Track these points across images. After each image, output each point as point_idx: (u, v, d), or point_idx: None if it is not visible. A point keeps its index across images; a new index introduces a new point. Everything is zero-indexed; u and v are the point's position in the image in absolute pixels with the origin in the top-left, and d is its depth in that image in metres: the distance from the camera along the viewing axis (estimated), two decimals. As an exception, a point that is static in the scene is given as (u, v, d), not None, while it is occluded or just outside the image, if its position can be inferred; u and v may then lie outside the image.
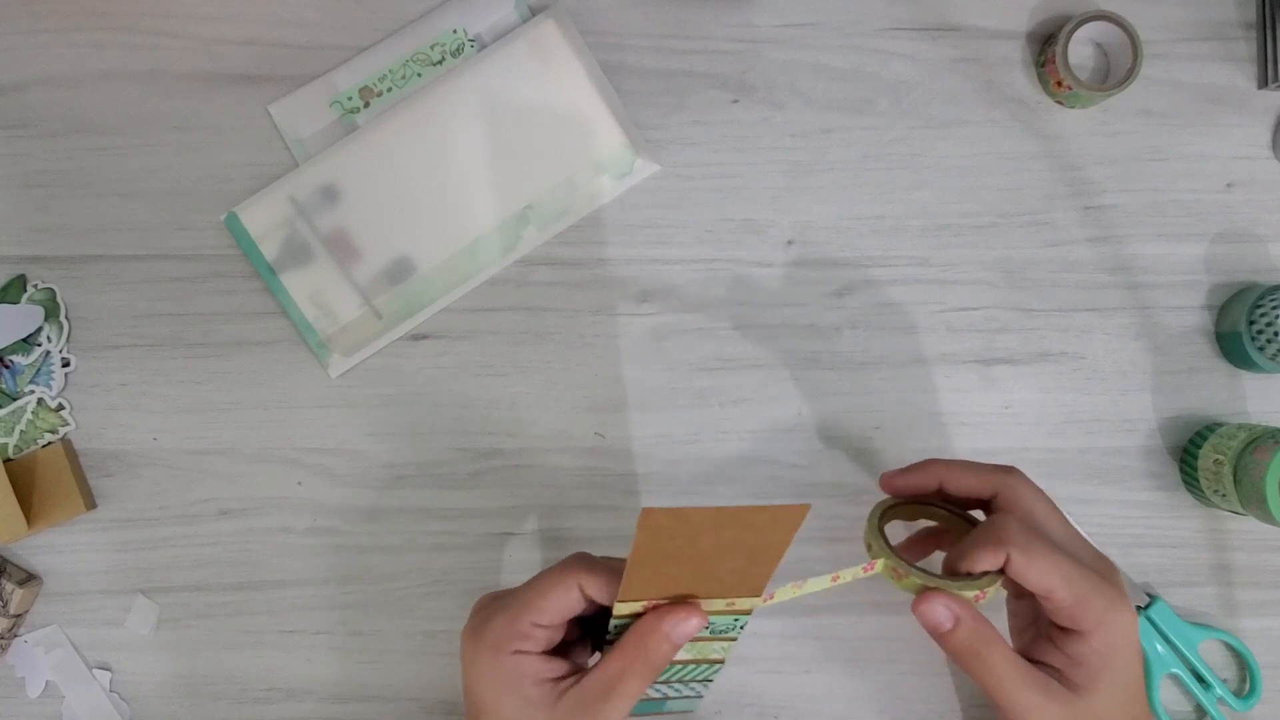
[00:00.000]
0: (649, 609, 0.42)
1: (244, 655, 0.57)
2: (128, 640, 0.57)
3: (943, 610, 0.43)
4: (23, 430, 0.57)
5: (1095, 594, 0.43)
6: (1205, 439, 0.56)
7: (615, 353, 0.58)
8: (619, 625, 0.43)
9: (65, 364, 0.58)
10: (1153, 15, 0.58)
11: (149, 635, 0.57)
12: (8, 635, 0.56)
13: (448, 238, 0.58)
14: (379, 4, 0.59)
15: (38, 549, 0.57)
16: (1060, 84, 0.57)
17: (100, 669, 0.57)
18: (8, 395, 0.57)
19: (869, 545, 0.46)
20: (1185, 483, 0.58)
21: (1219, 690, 0.56)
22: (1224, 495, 0.54)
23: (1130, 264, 0.59)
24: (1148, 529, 0.58)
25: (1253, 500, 0.52)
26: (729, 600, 0.42)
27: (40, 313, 0.57)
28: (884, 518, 0.48)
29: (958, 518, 0.50)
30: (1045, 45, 0.58)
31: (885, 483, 0.51)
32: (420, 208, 0.58)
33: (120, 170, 0.58)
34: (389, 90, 0.58)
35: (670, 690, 0.47)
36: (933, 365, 0.58)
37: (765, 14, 0.59)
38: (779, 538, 0.39)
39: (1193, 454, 0.56)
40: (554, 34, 0.58)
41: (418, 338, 0.58)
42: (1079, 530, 0.47)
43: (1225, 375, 0.58)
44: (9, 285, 0.58)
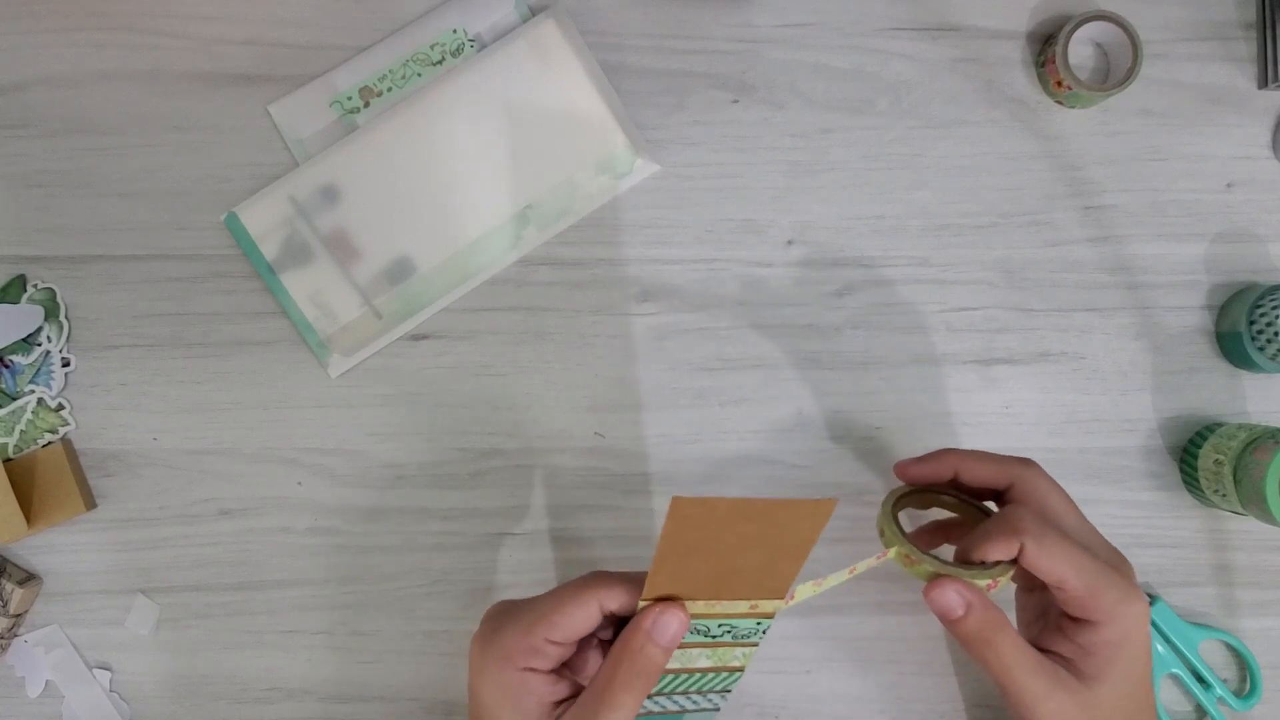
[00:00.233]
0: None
1: (244, 655, 0.57)
2: (128, 640, 0.57)
3: (954, 596, 0.43)
4: (23, 430, 0.57)
5: (1107, 585, 0.43)
6: (1205, 439, 0.56)
7: (615, 353, 0.58)
8: None
9: (65, 364, 0.58)
10: (1153, 15, 0.58)
11: (149, 635, 0.57)
12: (8, 635, 0.56)
13: (448, 238, 0.58)
14: (379, 4, 0.59)
15: (38, 549, 0.57)
16: (1060, 84, 0.57)
17: (100, 669, 0.57)
18: (8, 395, 0.57)
19: (882, 531, 0.46)
20: (1185, 483, 0.58)
21: (1219, 690, 0.56)
22: (1224, 495, 0.54)
23: (1130, 264, 0.59)
24: (1148, 529, 0.58)
25: (1253, 500, 0.52)
26: (752, 603, 0.41)
27: (40, 313, 0.57)
28: (897, 505, 0.48)
29: (971, 507, 0.50)
30: (1045, 45, 0.58)
31: (900, 470, 0.51)
32: (420, 208, 0.58)
33: (120, 170, 0.58)
34: (389, 90, 0.58)
35: (689, 702, 0.46)
36: (933, 365, 0.58)
37: (765, 14, 0.59)
38: (805, 535, 0.38)
39: (1193, 454, 0.56)
40: (554, 34, 0.58)
41: (418, 338, 0.58)
42: (1092, 524, 0.48)
43: (1225, 375, 0.58)
44: (9, 285, 0.58)
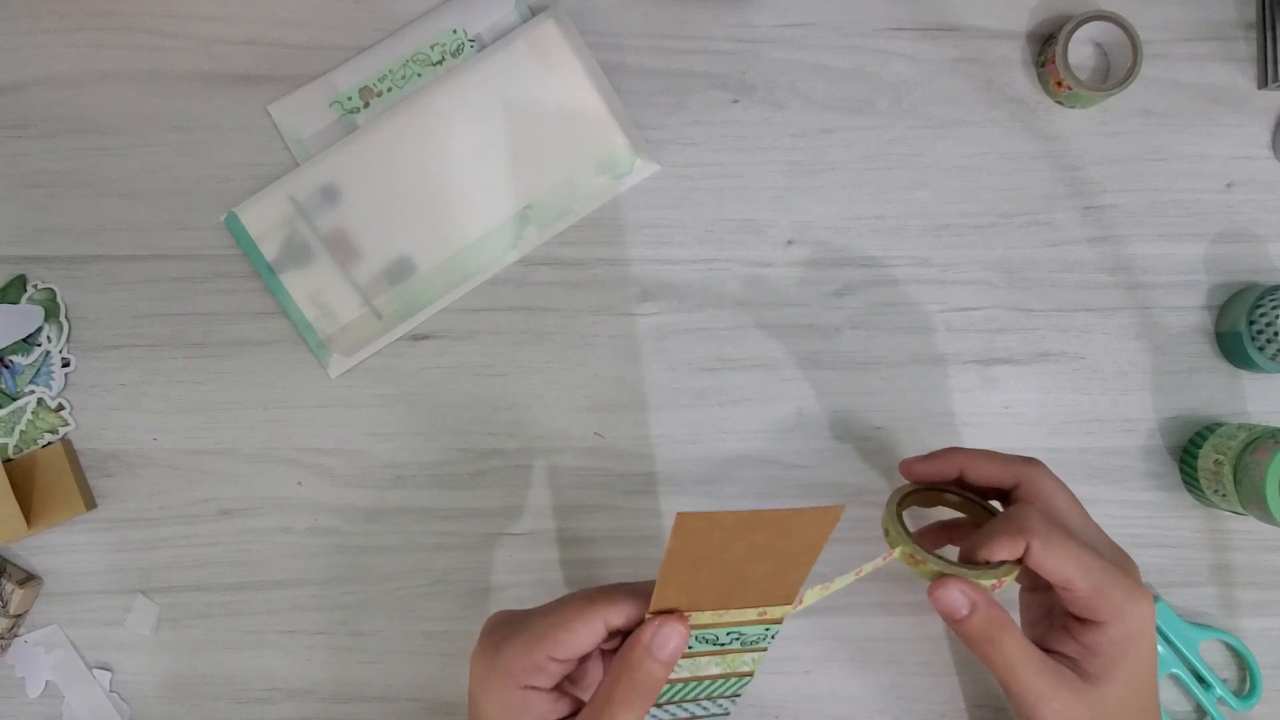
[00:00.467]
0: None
1: (244, 655, 0.57)
2: (128, 640, 0.57)
3: (959, 596, 0.43)
4: (23, 430, 0.57)
5: (1113, 585, 0.43)
6: (1205, 439, 0.56)
7: (615, 353, 0.58)
8: None
9: (65, 364, 0.58)
10: (1153, 15, 0.58)
11: (149, 635, 0.57)
12: (8, 635, 0.56)
13: (448, 238, 0.58)
14: (379, 4, 0.59)
15: (38, 549, 0.57)
16: (1060, 84, 0.57)
17: (100, 669, 0.57)
18: (8, 395, 0.57)
19: (886, 530, 0.46)
20: (1185, 483, 0.58)
21: (1219, 690, 0.56)
22: (1224, 495, 0.54)
23: (1130, 264, 0.59)
24: (1148, 529, 0.58)
25: (1253, 500, 0.52)
26: (760, 610, 0.41)
27: (40, 313, 0.57)
28: (902, 504, 0.48)
29: (976, 505, 0.50)
30: (1045, 45, 0.58)
31: (905, 468, 0.51)
32: (420, 208, 0.58)
33: (120, 170, 0.58)
34: (389, 90, 0.58)
35: (699, 709, 0.46)
36: (933, 365, 0.58)
37: (765, 14, 0.59)
38: (812, 541, 0.38)
39: (1193, 454, 0.56)
40: (554, 34, 0.58)
41: (418, 338, 0.58)
42: (1098, 524, 0.48)
43: (1225, 375, 0.58)
44: (9, 285, 0.58)
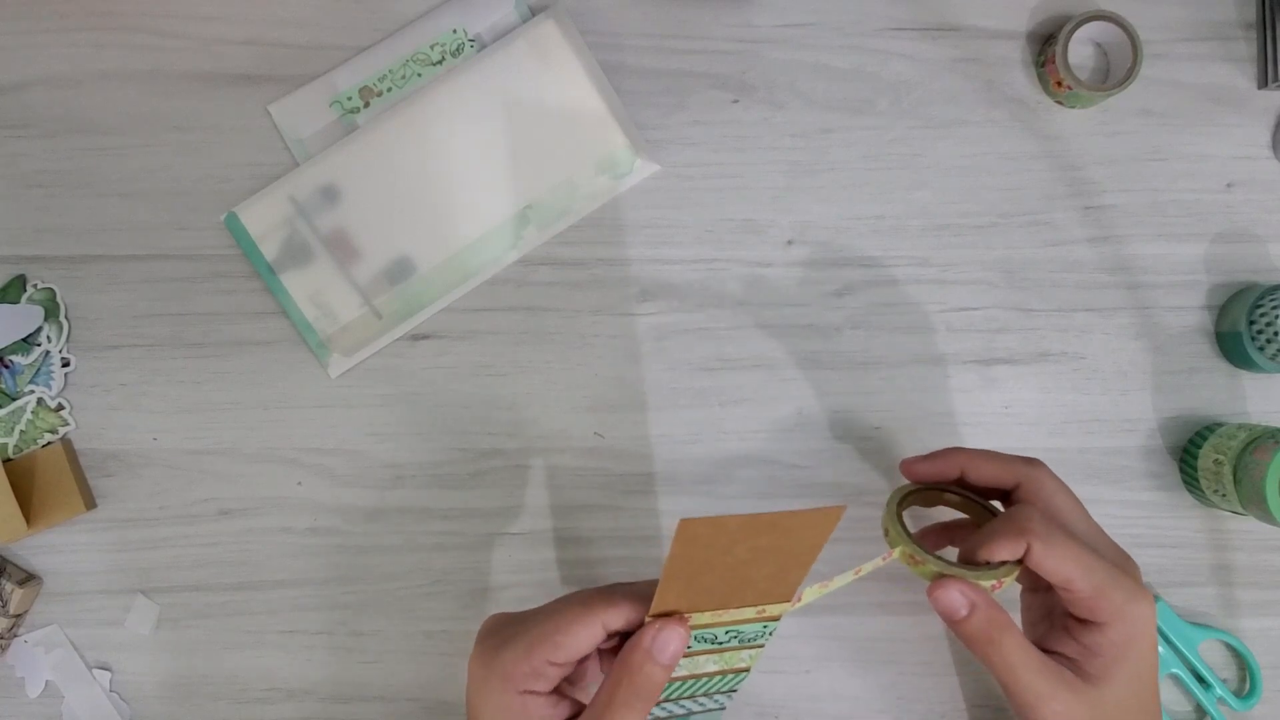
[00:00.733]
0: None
1: (244, 655, 0.57)
2: (128, 640, 0.57)
3: (959, 596, 0.43)
4: (23, 430, 0.57)
5: (1114, 586, 0.43)
6: (1205, 439, 0.56)
7: (615, 353, 0.58)
8: None
9: (65, 364, 0.58)
10: (1153, 15, 0.58)
11: (149, 635, 0.57)
12: (8, 635, 0.56)
13: (448, 238, 0.58)
14: (379, 4, 0.59)
15: (38, 549, 0.57)
16: (1060, 84, 0.57)
17: (100, 669, 0.57)
18: (8, 395, 0.57)
19: (886, 530, 0.46)
20: (1185, 483, 0.58)
21: (1219, 690, 0.56)
22: (1224, 495, 0.54)
23: (1130, 264, 0.59)
24: (1148, 529, 0.58)
25: (1253, 500, 0.52)
26: (759, 608, 0.41)
27: (40, 313, 0.57)
28: (902, 504, 0.48)
29: (977, 505, 0.50)
30: (1045, 45, 0.58)
31: (906, 468, 0.50)
32: (420, 208, 0.58)
33: (120, 170, 0.58)
34: (389, 90, 0.58)
35: (696, 705, 0.46)
36: (933, 365, 0.58)
37: (765, 14, 0.59)
38: (813, 542, 0.38)
39: (1193, 454, 0.56)
40: (554, 34, 0.58)
41: (418, 338, 0.58)
42: (1099, 525, 0.48)
43: (1225, 375, 0.58)
44: (9, 285, 0.58)
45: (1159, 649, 0.56)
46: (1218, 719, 0.56)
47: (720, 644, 0.42)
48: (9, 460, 0.57)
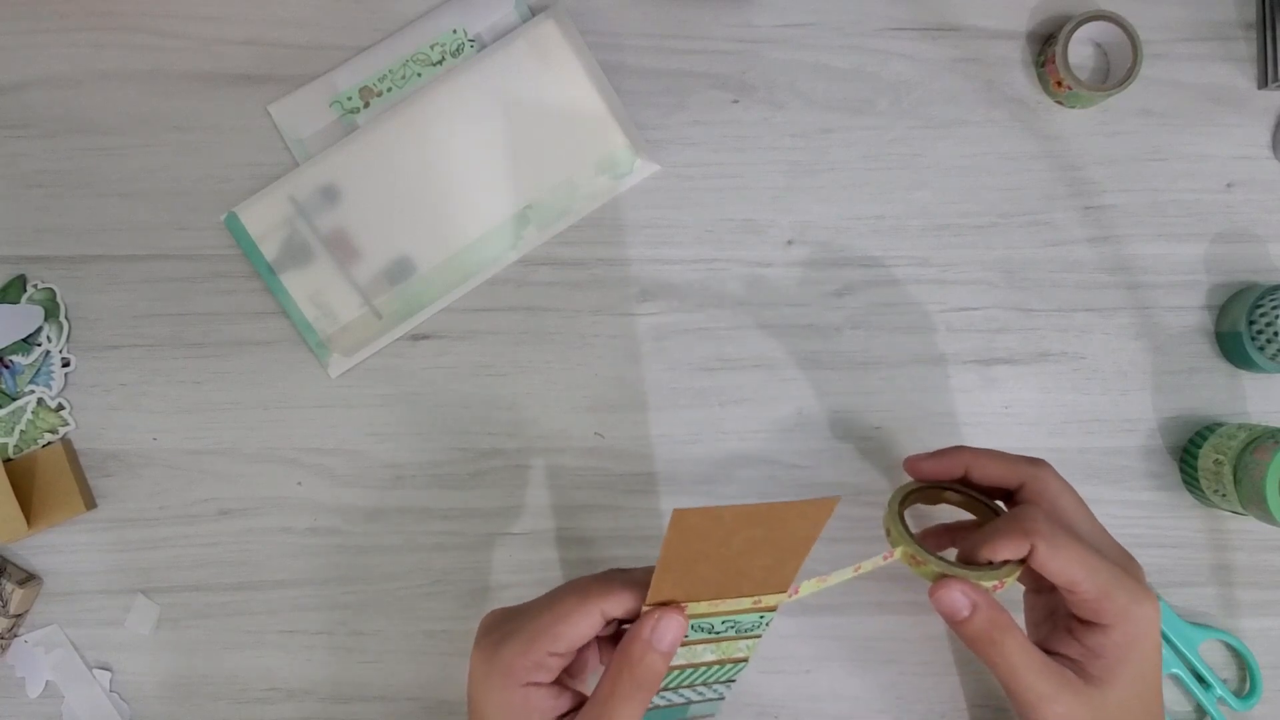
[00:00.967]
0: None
1: (244, 655, 0.57)
2: (128, 640, 0.57)
3: (960, 597, 0.43)
4: (23, 430, 0.57)
5: (1118, 587, 0.43)
6: (1205, 439, 0.56)
7: (615, 353, 0.58)
8: None
9: (65, 364, 0.58)
10: (1153, 15, 0.58)
11: (149, 635, 0.57)
12: (8, 635, 0.56)
13: (448, 238, 0.58)
14: (379, 4, 0.59)
15: (38, 549, 0.57)
16: (1060, 84, 0.57)
17: (100, 669, 0.57)
18: (8, 395, 0.57)
19: (888, 530, 0.46)
20: (1185, 483, 0.58)
21: (1219, 690, 0.56)
22: (1224, 495, 0.54)
23: (1130, 264, 0.59)
24: (1148, 529, 0.58)
25: (1253, 500, 0.52)
26: (755, 599, 0.41)
27: (40, 313, 0.57)
28: (904, 503, 0.48)
29: (980, 504, 0.50)
30: (1045, 45, 0.58)
31: (911, 465, 0.50)
32: (420, 208, 0.58)
33: (120, 170, 0.58)
34: (389, 90, 0.58)
35: (695, 694, 0.46)
36: (933, 365, 0.58)
37: (765, 14, 0.59)
38: (808, 532, 0.38)
39: (1193, 454, 0.56)
40: (554, 34, 0.58)
41: (418, 338, 0.58)
42: (1103, 525, 0.47)
43: (1225, 375, 0.58)
44: (9, 285, 0.58)
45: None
46: (1218, 719, 0.56)
47: (717, 634, 0.42)
48: (9, 460, 0.57)
